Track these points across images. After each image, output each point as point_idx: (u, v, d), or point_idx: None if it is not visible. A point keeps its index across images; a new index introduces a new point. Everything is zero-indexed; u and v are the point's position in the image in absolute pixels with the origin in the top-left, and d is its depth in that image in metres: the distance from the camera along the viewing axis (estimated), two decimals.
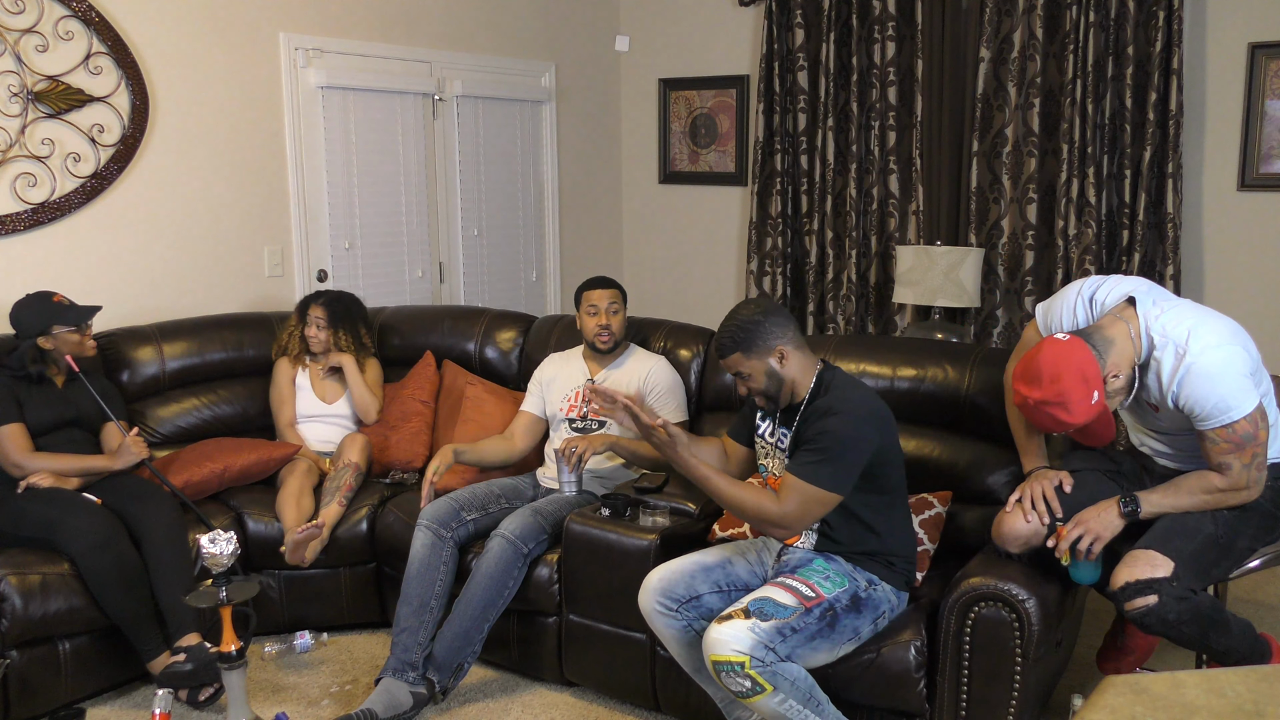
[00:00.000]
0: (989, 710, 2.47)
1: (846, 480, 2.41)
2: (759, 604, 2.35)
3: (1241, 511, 2.44)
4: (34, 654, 2.89)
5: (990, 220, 4.79)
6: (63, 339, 3.17)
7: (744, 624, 2.30)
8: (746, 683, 2.27)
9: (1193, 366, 2.31)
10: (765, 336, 2.48)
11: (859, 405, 2.45)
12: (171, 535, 3.06)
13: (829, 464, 2.38)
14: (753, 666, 2.26)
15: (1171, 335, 2.35)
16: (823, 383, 2.52)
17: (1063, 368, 2.30)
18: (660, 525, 2.92)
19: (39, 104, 3.53)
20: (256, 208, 4.21)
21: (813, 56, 5.17)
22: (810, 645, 2.38)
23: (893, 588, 2.54)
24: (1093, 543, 2.44)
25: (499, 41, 5.15)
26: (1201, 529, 2.40)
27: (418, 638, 2.98)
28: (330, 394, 3.78)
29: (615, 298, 3.39)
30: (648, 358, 3.43)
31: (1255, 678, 1.46)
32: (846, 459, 2.39)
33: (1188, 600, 2.31)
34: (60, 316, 3.17)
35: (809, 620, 2.37)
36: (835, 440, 2.39)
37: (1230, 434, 2.33)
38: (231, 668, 2.71)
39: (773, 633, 2.31)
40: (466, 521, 3.15)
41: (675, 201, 5.88)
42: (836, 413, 2.41)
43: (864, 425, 2.42)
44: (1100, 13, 4.38)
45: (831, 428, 2.40)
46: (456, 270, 5.03)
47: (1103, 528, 2.45)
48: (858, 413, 2.43)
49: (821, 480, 2.38)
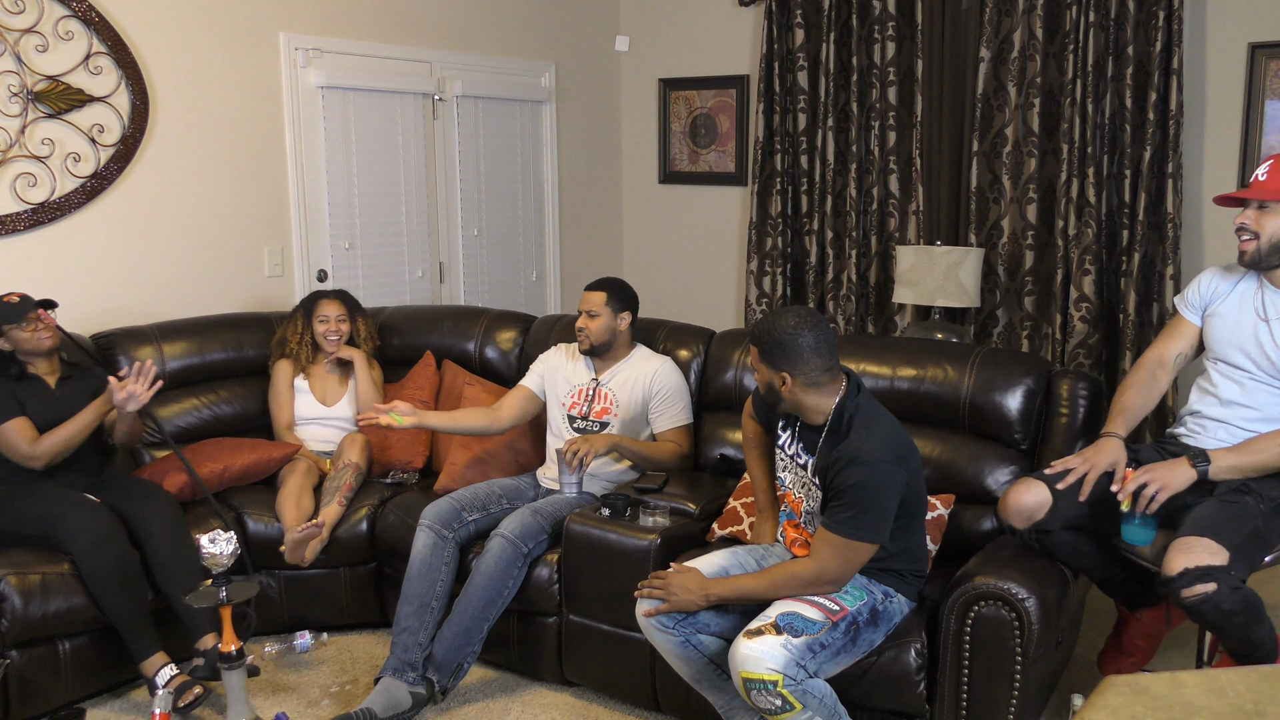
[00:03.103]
0: (989, 710, 2.47)
1: (884, 527, 2.37)
2: (788, 619, 2.32)
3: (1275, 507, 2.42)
4: (34, 654, 2.89)
5: (990, 220, 4.79)
6: (15, 337, 3.11)
7: (776, 640, 2.27)
8: (777, 701, 2.24)
9: None
10: (781, 358, 2.42)
11: (884, 449, 2.36)
12: (174, 536, 3.06)
13: (863, 515, 2.34)
14: (785, 685, 2.24)
15: None
16: (843, 415, 2.44)
17: None
18: (660, 525, 2.92)
19: (39, 104, 3.53)
20: (256, 208, 4.21)
21: (813, 56, 5.17)
22: (835, 660, 2.38)
23: (906, 599, 2.54)
24: (1157, 492, 2.40)
25: (499, 41, 5.15)
26: (1247, 519, 2.37)
27: (418, 638, 2.98)
28: (331, 396, 3.77)
29: (596, 302, 3.33)
30: (652, 359, 3.41)
31: (1255, 678, 1.46)
32: (881, 507, 2.35)
33: (1240, 590, 2.28)
34: (9, 315, 3.10)
35: (835, 635, 2.35)
36: (865, 493, 2.33)
37: None
38: (231, 668, 2.71)
39: (804, 649, 2.29)
40: (468, 522, 3.15)
41: (675, 201, 5.88)
42: (862, 462, 2.33)
43: (892, 471, 2.35)
44: (1100, 13, 4.38)
45: (860, 479, 2.32)
46: (456, 270, 5.03)
47: (1171, 477, 2.42)
48: (884, 458, 2.34)
49: (861, 534, 2.34)
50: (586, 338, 3.33)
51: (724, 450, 3.39)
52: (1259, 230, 2.50)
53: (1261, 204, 2.49)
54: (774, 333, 2.42)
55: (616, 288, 3.40)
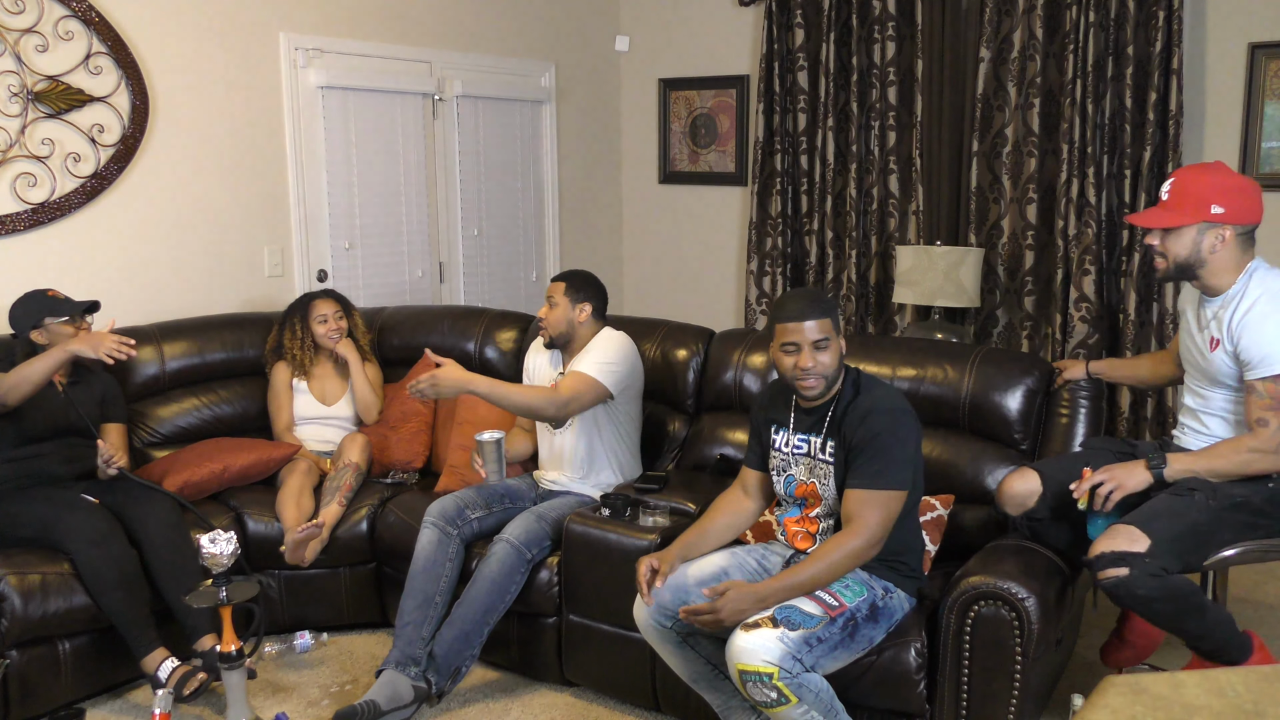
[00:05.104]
0: (989, 710, 2.47)
1: (909, 474, 2.44)
2: (785, 612, 2.33)
3: (1227, 508, 2.46)
4: (34, 654, 2.89)
5: (990, 220, 4.79)
6: (55, 332, 3.14)
7: (772, 633, 2.28)
8: (773, 694, 2.25)
9: (1264, 308, 2.41)
10: (836, 321, 2.51)
11: (893, 400, 2.49)
12: (172, 537, 3.06)
13: (890, 463, 2.40)
14: (781, 678, 2.24)
15: (1268, 283, 2.47)
16: (849, 383, 2.53)
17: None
18: (660, 525, 2.92)
19: (39, 104, 3.53)
20: (256, 208, 4.21)
21: (813, 56, 5.17)
22: (833, 655, 2.38)
23: (906, 594, 2.54)
24: (1112, 491, 2.50)
25: (499, 41, 5.15)
26: (1187, 514, 2.43)
27: (420, 631, 2.98)
28: (330, 395, 3.78)
29: (555, 291, 3.26)
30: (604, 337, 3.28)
31: (1255, 678, 1.46)
32: (905, 451, 2.43)
33: (1160, 578, 2.34)
34: (53, 309, 3.15)
35: (833, 630, 2.36)
36: (887, 440, 2.41)
37: (1275, 388, 2.39)
38: (232, 668, 2.71)
39: (800, 643, 2.29)
40: (471, 520, 3.15)
41: (675, 201, 5.88)
42: (877, 412, 2.43)
43: (907, 416, 2.47)
44: (1100, 13, 4.38)
45: (879, 429, 2.42)
46: (456, 270, 5.03)
47: (1127, 477, 2.52)
48: (898, 405, 2.47)
49: (893, 482, 2.40)
50: (545, 329, 3.29)
51: (724, 450, 3.39)
52: (1165, 252, 2.56)
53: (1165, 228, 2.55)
54: (834, 303, 2.54)
55: (575, 277, 3.30)
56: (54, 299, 3.17)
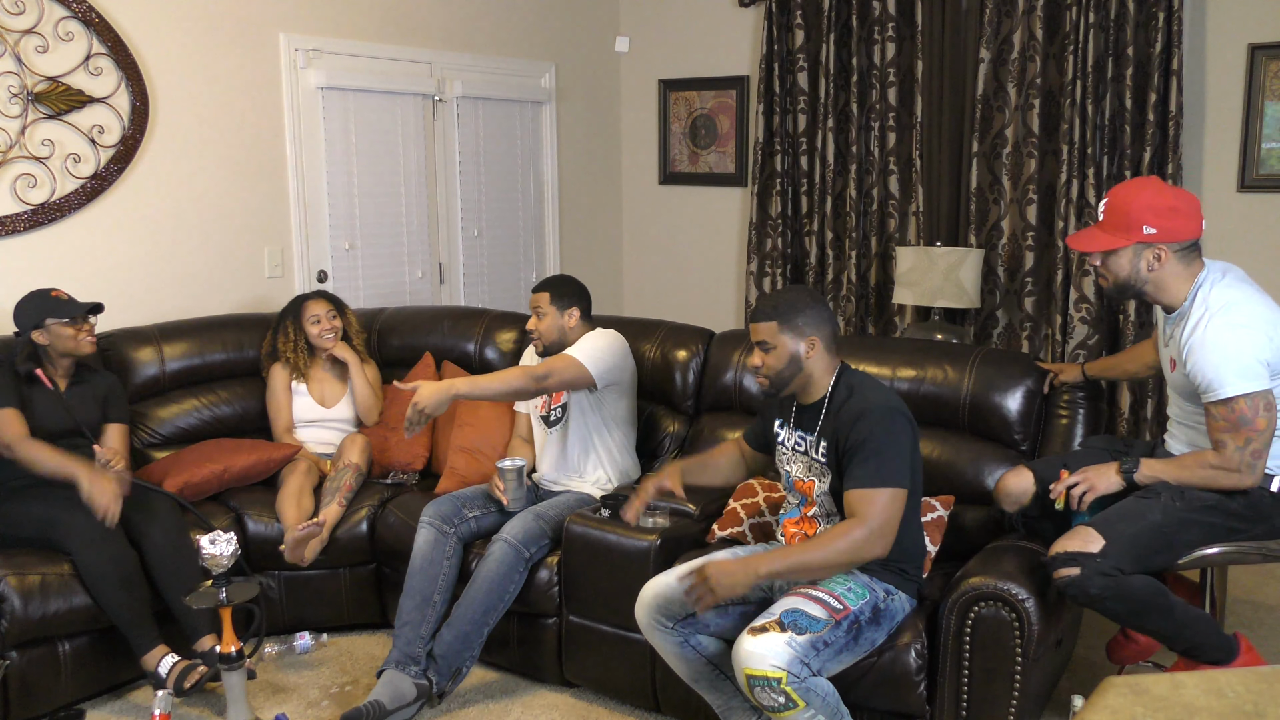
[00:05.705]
0: (989, 710, 2.47)
1: (906, 471, 2.42)
2: (792, 616, 2.32)
3: (1196, 510, 2.47)
4: (34, 654, 2.89)
5: (990, 221, 4.79)
6: (56, 333, 3.14)
7: (780, 637, 2.28)
8: (780, 698, 2.24)
9: (1207, 333, 2.39)
10: (806, 321, 2.48)
11: (886, 400, 2.47)
12: (173, 538, 3.06)
13: (885, 462, 2.38)
14: (789, 683, 2.24)
15: (1210, 302, 2.44)
16: (842, 384, 2.52)
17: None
18: (660, 526, 2.92)
19: (39, 105, 3.53)
20: (256, 208, 4.21)
21: (813, 57, 5.17)
22: (838, 659, 2.38)
23: (907, 596, 2.54)
24: (1085, 492, 2.55)
25: (499, 42, 5.15)
26: (1147, 516, 2.45)
27: (420, 631, 2.99)
28: (330, 397, 3.77)
29: (540, 301, 3.27)
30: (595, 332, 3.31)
31: (1255, 678, 1.46)
32: (899, 450, 2.41)
33: (1112, 578, 2.36)
34: (55, 309, 3.14)
35: (838, 634, 2.36)
36: (880, 440, 2.39)
37: (1228, 412, 2.39)
38: (231, 668, 2.71)
39: (808, 647, 2.29)
40: (468, 519, 3.16)
41: (675, 202, 5.88)
42: (869, 412, 2.42)
43: (898, 416, 2.45)
44: (1100, 14, 4.38)
45: (871, 429, 2.40)
46: (456, 270, 5.03)
47: (1099, 479, 2.56)
48: (889, 405, 2.45)
49: (890, 479, 2.38)
50: (539, 339, 3.31)
51: None
52: (1105, 273, 2.56)
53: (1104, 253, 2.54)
54: (793, 301, 2.50)
55: (558, 284, 3.32)
56: (57, 299, 3.17)
